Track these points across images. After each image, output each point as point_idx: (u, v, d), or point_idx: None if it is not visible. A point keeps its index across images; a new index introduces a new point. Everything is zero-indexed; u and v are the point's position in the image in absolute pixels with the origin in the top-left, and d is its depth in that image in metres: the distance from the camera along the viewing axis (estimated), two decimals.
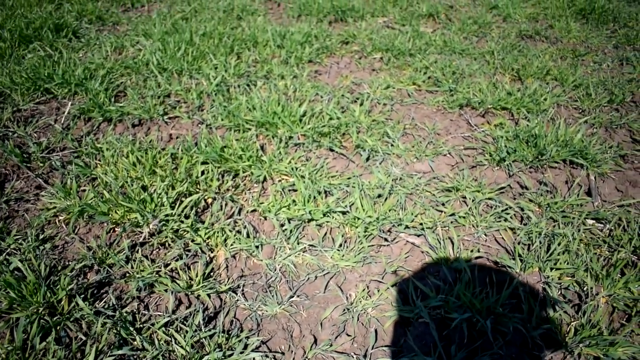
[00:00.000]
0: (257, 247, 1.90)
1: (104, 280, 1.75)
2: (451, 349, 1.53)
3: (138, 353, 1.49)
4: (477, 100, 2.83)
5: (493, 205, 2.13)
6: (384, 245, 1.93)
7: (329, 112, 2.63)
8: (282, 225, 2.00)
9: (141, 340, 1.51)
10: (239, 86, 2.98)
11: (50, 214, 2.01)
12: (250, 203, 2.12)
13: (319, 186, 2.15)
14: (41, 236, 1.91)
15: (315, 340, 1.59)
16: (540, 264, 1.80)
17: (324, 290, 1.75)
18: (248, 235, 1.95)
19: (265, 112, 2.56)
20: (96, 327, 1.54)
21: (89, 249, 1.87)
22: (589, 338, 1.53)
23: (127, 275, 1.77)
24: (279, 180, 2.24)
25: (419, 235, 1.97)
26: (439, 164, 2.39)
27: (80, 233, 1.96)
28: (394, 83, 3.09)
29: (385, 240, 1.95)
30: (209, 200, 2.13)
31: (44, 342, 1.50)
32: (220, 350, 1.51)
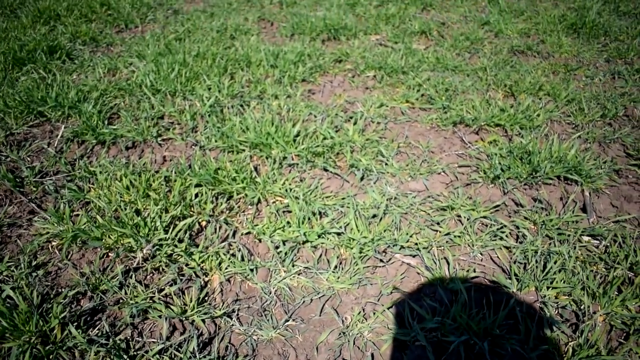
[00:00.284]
0: (252, 270, 1.89)
1: (97, 307, 1.73)
2: None
3: None
4: (471, 117, 2.84)
5: (488, 223, 2.12)
6: (380, 267, 1.92)
7: (322, 132, 2.63)
8: (277, 248, 1.99)
9: None
10: (233, 107, 2.98)
11: (43, 239, 2.00)
12: (244, 225, 2.11)
13: (314, 207, 2.15)
14: (34, 263, 1.90)
15: None
16: (536, 283, 1.80)
17: (320, 313, 1.74)
18: (243, 259, 1.94)
19: (259, 133, 2.56)
20: (89, 356, 1.52)
21: (82, 275, 1.85)
22: (587, 358, 1.52)
23: (121, 301, 1.76)
24: (273, 202, 2.23)
25: (414, 256, 1.96)
26: (433, 182, 2.39)
27: (73, 259, 1.94)
28: (387, 101, 3.10)
29: (381, 261, 1.94)
30: (203, 224, 2.12)
31: None
32: None
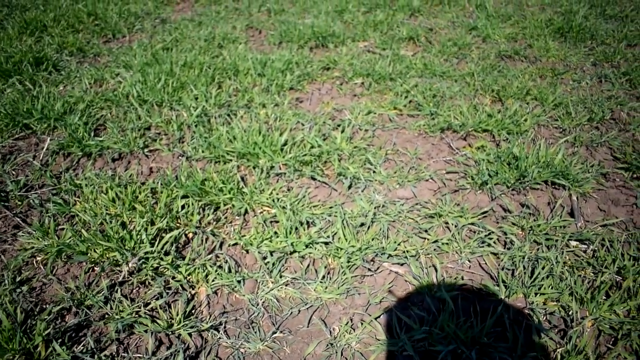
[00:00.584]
0: (239, 282, 1.87)
1: (82, 323, 1.71)
2: None
3: None
4: (458, 123, 2.84)
5: (476, 230, 2.12)
6: (368, 276, 1.91)
7: (310, 141, 2.63)
8: (265, 258, 1.98)
9: None
10: (220, 116, 2.97)
11: (28, 254, 1.98)
12: (231, 236, 2.10)
13: (301, 217, 2.14)
14: (18, 278, 1.87)
15: None
16: (524, 289, 1.79)
17: (308, 324, 1.73)
18: (230, 270, 1.93)
19: (246, 143, 2.55)
20: None
21: (67, 290, 1.83)
22: None
23: (106, 316, 1.74)
24: (261, 212, 2.22)
25: (402, 264, 1.95)
26: (421, 189, 2.39)
27: (58, 274, 1.92)
28: (375, 108, 3.10)
29: (369, 270, 1.93)
30: (190, 235, 2.11)
31: None
32: None
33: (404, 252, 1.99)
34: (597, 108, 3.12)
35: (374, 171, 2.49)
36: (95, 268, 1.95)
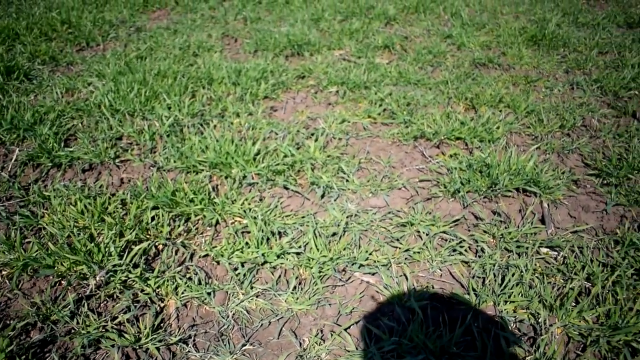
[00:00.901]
0: (209, 294, 1.85)
1: (47, 339, 1.67)
2: None
3: None
4: (431, 131, 2.85)
5: (447, 238, 2.12)
6: (339, 286, 1.90)
7: (283, 150, 2.62)
8: (235, 270, 1.96)
9: None
10: (193, 126, 2.95)
11: None
12: (202, 248, 2.08)
13: (273, 227, 2.13)
14: None
15: None
16: (494, 297, 1.80)
17: (278, 336, 1.71)
18: (200, 282, 1.91)
19: (219, 152, 2.53)
20: None
21: (33, 305, 1.79)
22: None
23: (72, 331, 1.70)
24: (232, 223, 2.20)
25: (373, 274, 1.95)
26: (394, 198, 2.39)
27: (24, 288, 1.88)
28: (349, 117, 3.10)
29: (340, 280, 1.92)
30: (160, 247, 2.08)
31: None
32: None
33: (376, 262, 1.98)
34: (569, 115, 3.15)
35: (347, 180, 2.49)
36: (62, 282, 1.91)
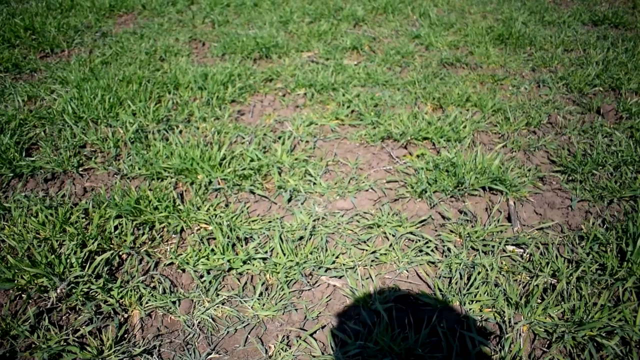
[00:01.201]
0: (174, 303, 1.82)
1: (6, 355, 1.63)
2: None
3: None
4: (399, 132, 2.85)
5: (414, 239, 2.12)
6: (306, 290, 1.89)
7: (249, 154, 2.59)
8: (201, 277, 1.93)
9: None
10: (158, 132, 2.91)
11: None
12: (167, 256, 2.04)
13: (239, 232, 2.10)
14: None
15: None
16: (460, 297, 1.80)
17: (244, 343, 1.69)
18: (164, 291, 1.87)
19: (184, 158, 2.49)
20: None
21: None
22: None
23: (33, 346, 1.66)
24: (198, 230, 2.17)
25: (340, 277, 1.93)
26: (361, 199, 2.38)
27: None
28: (317, 119, 3.09)
29: (307, 284, 1.90)
30: (124, 257, 2.04)
31: None
32: None
33: (342, 265, 1.97)
34: (535, 112, 3.19)
35: (315, 183, 2.47)
36: (22, 295, 1.86)
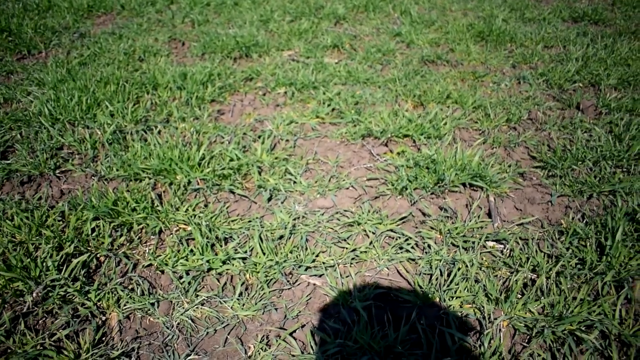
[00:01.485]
0: (153, 305, 1.80)
1: None
2: None
3: None
4: (379, 129, 2.85)
5: (395, 236, 2.11)
6: (286, 289, 1.87)
7: (229, 154, 2.57)
8: (180, 278, 1.91)
9: None
10: (137, 132, 2.87)
11: None
12: (146, 257, 2.01)
13: (218, 233, 2.08)
14: None
15: None
16: (440, 293, 1.79)
17: (224, 344, 1.67)
18: (143, 293, 1.85)
19: (163, 159, 2.47)
20: None
21: None
22: None
23: (8, 351, 1.63)
24: (177, 230, 2.15)
25: (320, 275, 1.92)
26: (341, 198, 2.37)
27: None
28: (297, 117, 3.07)
29: (287, 283, 1.89)
30: (102, 259, 2.01)
31: None
32: None
33: (322, 263, 1.96)
34: (515, 109, 3.20)
35: (295, 182, 2.46)
36: None
